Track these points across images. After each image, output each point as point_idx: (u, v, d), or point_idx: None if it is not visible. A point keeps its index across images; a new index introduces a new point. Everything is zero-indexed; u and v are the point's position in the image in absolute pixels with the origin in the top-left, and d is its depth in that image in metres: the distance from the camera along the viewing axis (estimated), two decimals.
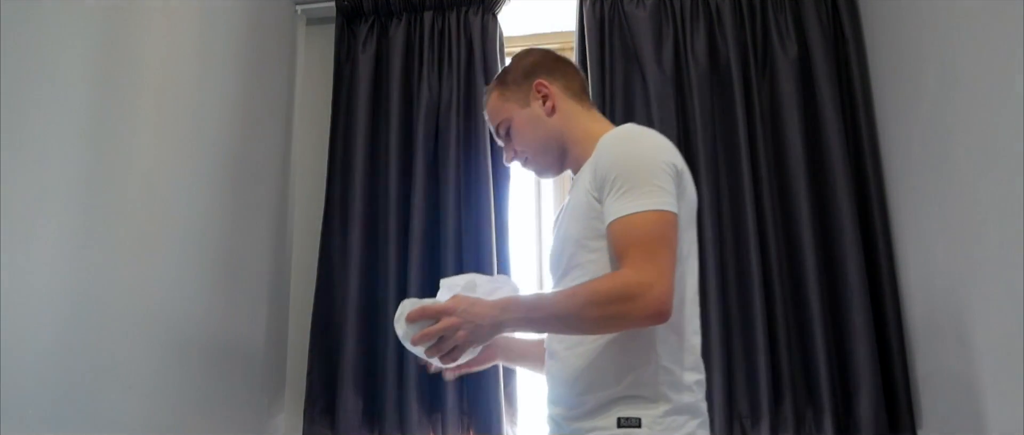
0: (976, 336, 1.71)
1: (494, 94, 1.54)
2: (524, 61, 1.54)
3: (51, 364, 1.40)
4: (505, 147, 1.55)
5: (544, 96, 1.49)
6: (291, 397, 2.45)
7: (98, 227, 1.56)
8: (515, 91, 1.50)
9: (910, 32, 2.02)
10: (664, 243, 1.21)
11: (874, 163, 2.24)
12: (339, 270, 2.43)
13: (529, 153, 1.50)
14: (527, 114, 1.48)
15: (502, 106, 1.51)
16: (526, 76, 1.51)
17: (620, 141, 1.33)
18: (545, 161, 1.50)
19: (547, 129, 1.48)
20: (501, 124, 1.51)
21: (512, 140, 1.51)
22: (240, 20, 2.26)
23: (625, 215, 1.22)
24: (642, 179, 1.24)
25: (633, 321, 1.20)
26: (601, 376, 1.27)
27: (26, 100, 1.37)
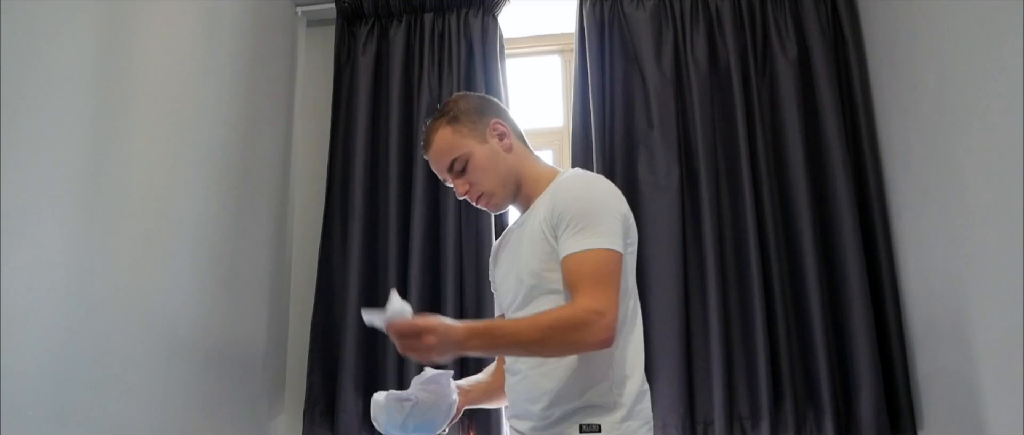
0: (976, 336, 1.71)
1: (445, 130, 1.54)
2: (471, 101, 1.58)
3: (52, 367, 1.40)
4: (457, 183, 1.55)
5: (500, 134, 1.55)
6: (291, 399, 2.45)
7: (98, 230, 1.56)
8: (471, 128, 1.53)
9: (909, 33, 2.02)
10: (612, 279, 1.33)
11: (874, 164, 2.24)
12: (339, 272, 2.43)
13: (488, 188, 1.53)
14: (487, 150, 1.52)
15: (459, 142, 1.52)
16: (479, 114, 1.55)
17: (580, 184, 1.44)
18: (503, 195, 1.54)
19: (506, 166, 1.53)
20: (458, 159, 1.52)
21: (468, 175, 1.53)
22: (240, 22, 2.26)
23: (580, 251, 1.33)
24: (596, 220, 1.35)
25: (585, 346, 1.32)
26: (565, 391, 1.38)
27: (26, 103, 1.37)
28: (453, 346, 1.29)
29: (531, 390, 1.43)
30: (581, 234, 1.35)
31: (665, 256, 2.24)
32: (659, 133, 2.33)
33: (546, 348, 1.34)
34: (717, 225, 2.25)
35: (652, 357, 2.20)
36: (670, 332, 2.18)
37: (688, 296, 2.22)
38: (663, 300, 2.21)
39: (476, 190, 1.54)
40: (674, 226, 2.25)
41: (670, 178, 2.29)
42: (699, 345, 2.20)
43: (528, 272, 1.44)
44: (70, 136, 1.49)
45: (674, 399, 2.14)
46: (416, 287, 2.32)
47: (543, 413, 1.40)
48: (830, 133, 2.26)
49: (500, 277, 1.60)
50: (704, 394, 2.16)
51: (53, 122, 1.44)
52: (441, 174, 1.58)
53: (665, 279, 2.23)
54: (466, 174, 1.53)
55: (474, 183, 1.53)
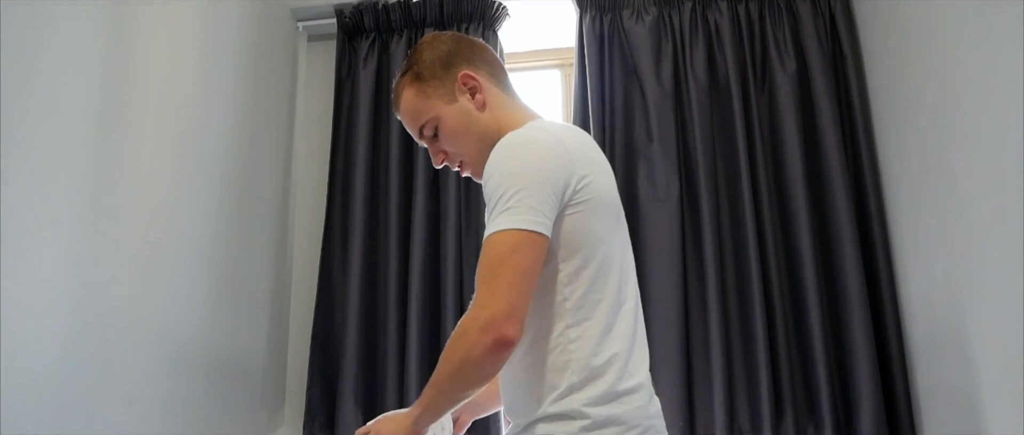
0: (977, 349, 1.71)
1: (408, 91, 1.35)
2: (438, 49, 1.36)
3: (51, 379, 1.40)
4: (432, 150, 1.37)
5: (471, 89, 1.34)
6: (291, 412, 2.44)
7: (99, 242, 1.56)
8: (436, 86, 1.33)
9: (908, 47, 2.03)
10: (506, 264, 1.10)
11: (873, 177, 2.24)
12: (339, 285, 2.43)
13: (465, 155, 1.34)
14: (456, 111, 1.32)
15: (424, 104, 1.33)
16: (446, 67, 1.34)
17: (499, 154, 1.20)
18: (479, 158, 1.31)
19: (481, 127, 1.32)
20: (426, 124, 1.34)
21: (441, 142, 1.34)
22: (242, 36, 2.27)
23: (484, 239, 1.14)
24: (507, 197, 1.13)
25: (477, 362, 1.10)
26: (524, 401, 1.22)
27: (28, 115, 1.38)
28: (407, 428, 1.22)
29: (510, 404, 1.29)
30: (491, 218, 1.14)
31: (665, 269, 2.24)
32: (659, 146, 2.34)
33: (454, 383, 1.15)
34: (717, 238, 2.25)
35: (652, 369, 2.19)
36: (670, 345, 2.18)
37: (688, 308, 2.23)
38: (663, 312, 2.21)
39: (454, 158, 1.36)
40: (674, 239, 2.26)
41: (670, 191, 2.30)
42: (699, 358, 2.20)
43: None
44: (72, 148, 1.50)
45: (674, 412, 2.14)
46: (416, 301, 2.33)
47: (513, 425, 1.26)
48: (829, 147, 2.27)
49: None
50: (704, 407, 2.16)
51: (55, 134, 1.45)
52: (414, 134, 1.39)
53: (665, 292, 2.23)
54: (438, 140, 1.34)
55: (450, 151, 1.35)
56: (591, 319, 1.18)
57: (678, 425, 2.13)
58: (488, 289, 1.10)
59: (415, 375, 2.26)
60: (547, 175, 1.16)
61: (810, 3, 2.41)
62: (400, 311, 2.35)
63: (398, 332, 2.34)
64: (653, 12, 2.47)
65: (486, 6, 2.55)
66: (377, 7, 2.60)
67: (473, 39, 1.42)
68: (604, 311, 1.19)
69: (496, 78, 1.38)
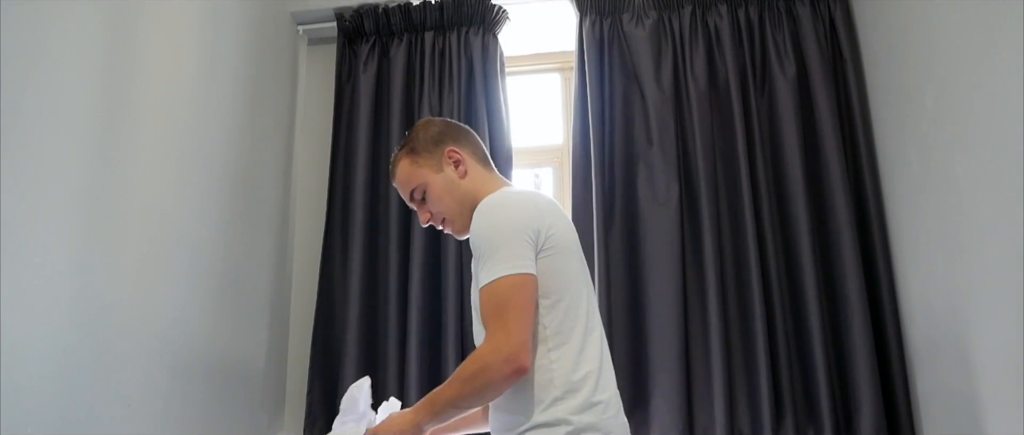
0: (977, 353, 1.71)
1: (404, 162, 1.62)
2: (430, 130, 1.64)
3: (52, 383, 1.40)
4: (420, 210, 1.63)
5: (456, 161, 1.60)
6: (291, 416, 2.44)
7: (99, 245, 1.56)
8: (427, 158, 1.60)
9: (907, 51, 2.03)
10: (510, 305, 1.34)
11: (873, 181, 2.25)
12: (339, 289, 2.43)
13: (447, 214, 1.59)
14: (442, 179, 1.58)
15: (415, 172, 1.60)
16: (436, 143, 1.61)
17: (480, 217, 1.45)
18: (462, 221, 1.57)
19: (462, 192, 1.58)
20: (416, 189, 1.60)
21: (428, 204, 1.60)
22: (242, 40, 2.27)
23: (482, 286, 1.37)
24: (496, 248, 1.37)
25: (497, 385, 1.34)
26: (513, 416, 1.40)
27: (28, 117, 1.38)
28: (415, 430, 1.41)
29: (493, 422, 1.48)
30: (483, 270, 1.38)
31: (665, 272, 2.24)
32: (659, 150, 2.34)
33: (472, 399, 1.39)
34: (717, 241, 2.25)
35: (651, 373, 2.20)
36: (670, 348, 2.18)
37: (688, 312, 2.23)
38: (663, 316, 2.21)
39: (437, 217, 1.61)
40: (673, 242, 2.26)
41: (669, 195, 2.30)
42: (699, 362, 2.20)
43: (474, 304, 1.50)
44: (72, 150, 1.50)
45: (674, 416, 2.14)
46: (416, 305, 2.33)
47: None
48: (829, 150, 2.27)
49: None
50: (704, 411, 2.16)
51: (55, 137, 1.45)
52: (407, 202, 1.65)
53: (665, 295, 2.23)
54: (426, 202, 1.60)
55: (433, 211, 1.60)
56: (568, 343, 1.40)
57: (677, 428, 2.13)
58: (502, 328, 1.33)
59: (415, 379, 2.26)
60: (524, 226, 1.40)
61: (810, 7, 2.41)
62: (400, 315, 2.35)
63: (398, 336, 2.34)
64: (653, 16, 2.47)
65: (486, 10, 2.55)
66: (377, 11, 2.61)
67: (460, 125, 1.70)
68: (578, 336, 1.42)
69: (477, 156, 1.64)
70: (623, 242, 2.33)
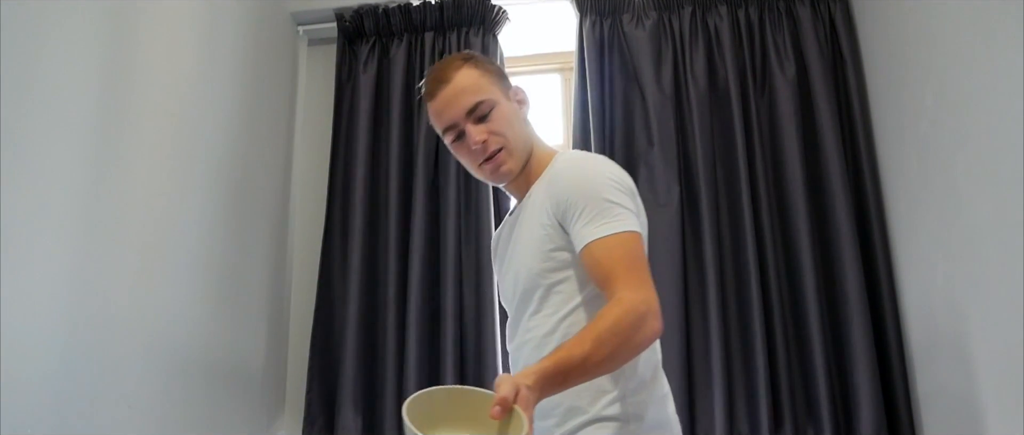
0: (977, 354, 1.71)
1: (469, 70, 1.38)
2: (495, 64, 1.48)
3: (51, 381, 1.40)
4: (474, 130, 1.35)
5: (520, 102, 1.45)
6: (290, 416, 2.44)
7: (99, 245, 1.56)
8: (497, 79, 1.41)
9: (907, 51, 2.03)
10: (644, 261, 1.23)
11: (873, 182, 2.25)
12: (339, 289, 2.43)
13: (509, 143, 1.37)
14: (510, 108, 1.40)
15: (487, 85, 1.38)
16: (501, 75, 1.44)
17: (580, 166, 1.32)
18: (518, 160, 1.39)
19: (525, 131, 1.42)
20: (484, 102, 1.36)
21: (491, 123, 1.36)
22: (242, 40, 2.27)
23: (600, 238, 1.20)
24: (608, 203, 1.24)
25: (644, 345, 1.19)
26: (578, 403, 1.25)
27: (28, 116, 1.38)
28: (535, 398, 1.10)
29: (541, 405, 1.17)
30: (597, 220, 1.22)
31: (665, 274, 2.23)
32: (659, 151, 2.34)
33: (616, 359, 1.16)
34: (717, 242, 2.25)
35: None
36: (669, 350, 2.17)
37: (688, 313, 2.23)
38: (663, 317, 2.20)
39: (495, 141, 1.36)
40: (674, 243, 2.26)
41: (670, 196, 2.30)
42: (699, 363, 2.20)
43: (526, 271, 1.34)
44: (72, 150, 1.50)
45: None
46: (415, 304, 2.33)
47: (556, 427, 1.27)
48: (829, 151, 2.27)
49: (502, 273, 1.50)
50: (704, 412, 2.16)
51: (55, 137, 1.45)
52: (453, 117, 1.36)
53: (665, 297, 2.19)
54: (488, 121, 1.36)
55: (496, 132, 1.36)
56: None
57: None
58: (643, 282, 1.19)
59: (414, 378, 2.26)
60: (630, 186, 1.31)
61: (810, 7, 2.41)
62: (399, 314, 2.35)
63: (397, 335, 2.34)
64: (653, 16, 2.47)
65: (486, 10, 2.55)
66: (377, 11, 2.61)
67: None
68: None
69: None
70: None
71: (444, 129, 1.40)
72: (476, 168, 1.41)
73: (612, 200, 1.24)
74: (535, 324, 1.33)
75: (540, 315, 1.32)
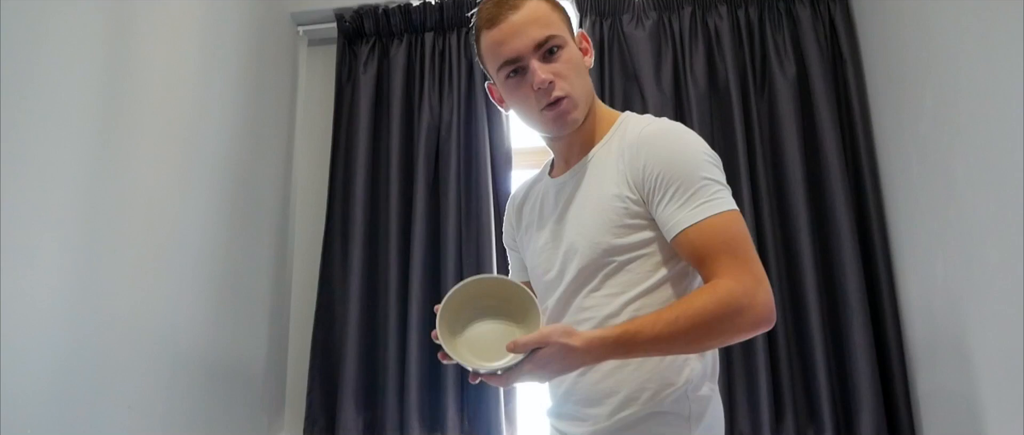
0: (977, 354, 1.71)
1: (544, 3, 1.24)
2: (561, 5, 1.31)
3: (52, 382, 1.40)
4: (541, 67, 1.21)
5: (585, 50, 1.30)
6: (291, 416, 2.44)
7: (100, 246, 1.56)
8: (567, 23, 1.27)
9: (907, 51, 2.03)
10: (749, 243, 1.12)
11: (873, 182, 2.25)
12: (339, 289, 2.43)
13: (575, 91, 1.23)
14: (577, 54, 1.26)
15: (558, 21, 1.25)
16: (569, 20, 1.30)
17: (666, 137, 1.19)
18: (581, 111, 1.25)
19: (588, 82, 1.28)
20: (554, 38, 1.22)
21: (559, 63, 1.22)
22: (242, 41, 2.28)
23: (700, 221, 1.11)
24: (705, 180, 1.14)
25: (742, 334, 1.09)
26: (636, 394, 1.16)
27: (28, 117, 1.38)
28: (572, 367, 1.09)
29: (591, 390, 1.20)
30: (692, 202, 1.12)
31: None
32: None
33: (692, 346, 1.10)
34: None
35: None
36: None
37: None
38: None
39: (561, 86, 1.21)
40: None
41: None
42: None
43: (591, 245, 1.20)
44: (72, 151, 1.50)
45: None
46: (416, 304, 2.33)
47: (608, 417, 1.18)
48: (829, 151, 2.27)
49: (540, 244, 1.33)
50: None
51: (55, 138, 1.45)
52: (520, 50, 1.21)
53: None
54: (555, 62, 1.22)
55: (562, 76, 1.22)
56: None
57: None
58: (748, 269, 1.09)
59: (415, 378, 2.26)
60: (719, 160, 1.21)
61: (810, 7, 2.41)
62: (400, 315, 2.35)
63: (398, 336, 2.34)
64: (653, 17, 2.47)
65: None
66: (377, 12, 2.61)
67: None
68: None
69: None
70: None
71: (503, 62, 1.24)
72: (537, 113, 1.25)
73: (708, 177, 1.14)
74: (594, 303, 1.21)
75: (600, 293, 1.21)
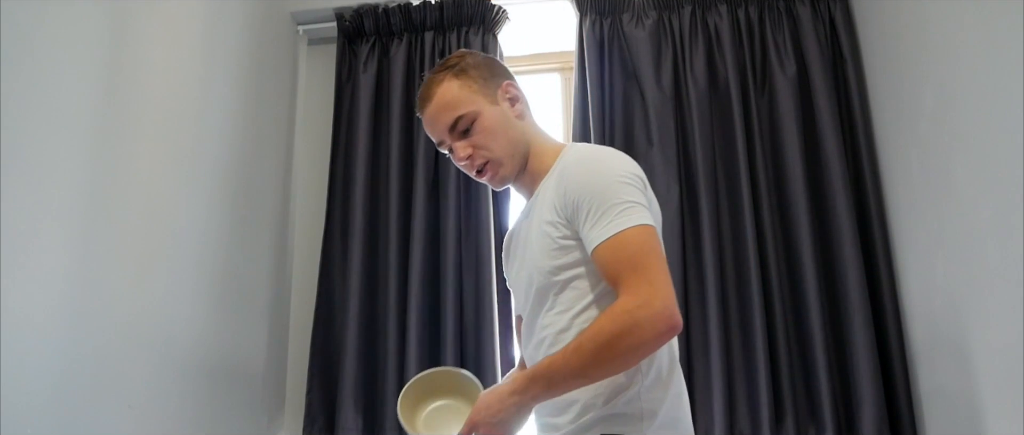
0: (977, 353, 1.71)
1: (450, 83, 1.36)
2: (480, 58, 1.42)
3: (52, 383, 1.40)
4: (458, 146, 1.37)
5: (512, 98, 1.40)
6: (290, 416, 2.44)
7: (99, 246, 1.56)
8: (481, 85, 1.37)
9: (907, 50, 2.03)
10: (652, 255, 1.18)
11: (873, 181, 2.24)
12: (339, 288, 2.43)
13: (495, 154, 1.36)
14: (498, 112, 1.37)
15: (467, 97, 1.35)
16: (490, 73, 1.40)
17: (587, 162, 1.28)
18: (511, 166, 1.38)
19: (516, 133, 1.38)
20: (464, 117, 1.34)
21: (474, 137, 1.35)
22: (242, 40, 2.27)
23: (607, 238, 1.19)
24: (614, 198, 1.21)
25: (648, 345, 1.16)
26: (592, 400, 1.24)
27: (28, 116, 1.38)
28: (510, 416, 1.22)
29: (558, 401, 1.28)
30: (603, 219, 1.20)
31: None
32: (659, 150, 2.34)
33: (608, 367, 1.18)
34: (717, 242, 2.25)
35: None
36: None
37: (688, 313, 2.22)
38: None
39: (481, 155, 1.36)
40: (674, 243, 2.26)
41: (670, 195, 2.30)
42: (699, 362, 2.20)
43: (537, 270, 1.31)
44: (72, 151, 1.50)
45: None
46: (416, 304, 2.32)
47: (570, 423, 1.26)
48: (829, 150, 2.27)
49: (513, 275, 1.48)
50: (705, 411, 2.16)
51: (55, 137, 1.45)
52: (439, 135, 1.39)
53: None
54: (471, 135, 1.35)
55: (480, 146, 1.35)
56: None
57: None
58: (646, 280, 1.15)
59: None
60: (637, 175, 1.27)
61: (810, 6, 2.41)
62: (400, 314, 2.35)
63: (398, 335, 2.34)
64: (653, 16, 2.47)
65: (486, 10, 2.55)
66: (377, 11, 2.61)
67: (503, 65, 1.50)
68: None
69: (527, 103, 1.45)
70: None
71: (437, 143, 1.43)
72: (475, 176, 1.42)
73: (619, 198, 1.21)
74: (549, 321, 1.31)
75: (553, 312, 1.31)
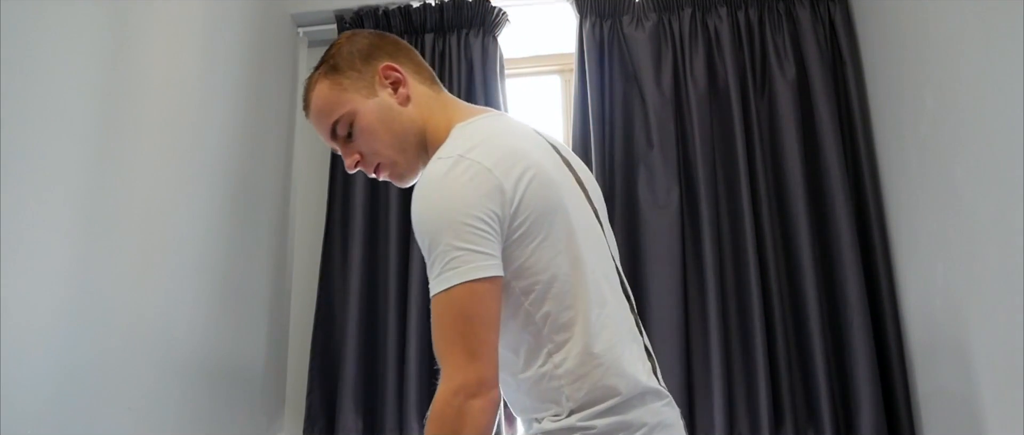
0: (977, 356, 1.71)
1: (322, 86, 1.23)
2: (358, 43, 1.26)
3: (51, 385, 1.40)
4: (345, 152, 1.25)
5: (394, 82, 1.23)
6: (290, 418, 2.44)
7: (99, 247, 1.56)
8: (355, 78, 1.22)
9: (907, 52, 2.03)
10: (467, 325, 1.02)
11: (873, 184, 2.25)
12: (339, 290, 2.43)
13: (383, 155, 1.22)
14: (375, 105, 1.21)
15: (339, 98, 1.21)
16: (366, 60, 1.24)
17: (421, 191, 1.08)
18: (406, 162, 1.23)
19: (403, 123, 1.22)
20: (340, 121, 1.21)
21: (355, 142, 1.22)
22: (242, 42, 2.28)
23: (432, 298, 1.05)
24: (439, 247, 1.03)
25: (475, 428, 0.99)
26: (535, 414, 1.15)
27: (28, 119, 1.38)
28: None
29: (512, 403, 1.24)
30: (432, 271, 1.05)
31: (665, 275, 2.24)
32: (659, 153, 2.35)
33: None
34: (717, 244, 2.25)
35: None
36: (669, 351, 2.18)
37: (688, 315, 2.22)
38: (663, 319, 2.21)
39: (370, 160, 1.23)
40: (674, 245, 2.26)
41: (670, 197, 2.30)
42: (699, 364, 2.20)
43: None
44: (72, 152, 1.50)
45: None
46: (416, 305, 2.32)
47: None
48: (828, 152, 2.27)
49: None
50: (704, 413, 2.15)
51: (55, 138, 1.45)
52: (326, 141, 1.26)
53: (665, 298, 2.23)
54: (353, 140, 1.22)
55: (364, 151, 1.22)
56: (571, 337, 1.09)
57: None
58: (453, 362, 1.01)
59: (415, 380, 2.26)
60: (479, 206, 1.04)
61: (810, 9, 2.42)
62: (400, 316, 2.35)
63: (398, 337, 2.34)
64: (653, 18, 2.47)
65: (486, 12, 2.55)
66: (377, 13, 2.61)
67: (397, 38, 1.32)
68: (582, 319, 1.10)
69: (421, 75, 1.28)
70: (623, 245, 2.32)
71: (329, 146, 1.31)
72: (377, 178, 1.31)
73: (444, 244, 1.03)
74: None
75: None
